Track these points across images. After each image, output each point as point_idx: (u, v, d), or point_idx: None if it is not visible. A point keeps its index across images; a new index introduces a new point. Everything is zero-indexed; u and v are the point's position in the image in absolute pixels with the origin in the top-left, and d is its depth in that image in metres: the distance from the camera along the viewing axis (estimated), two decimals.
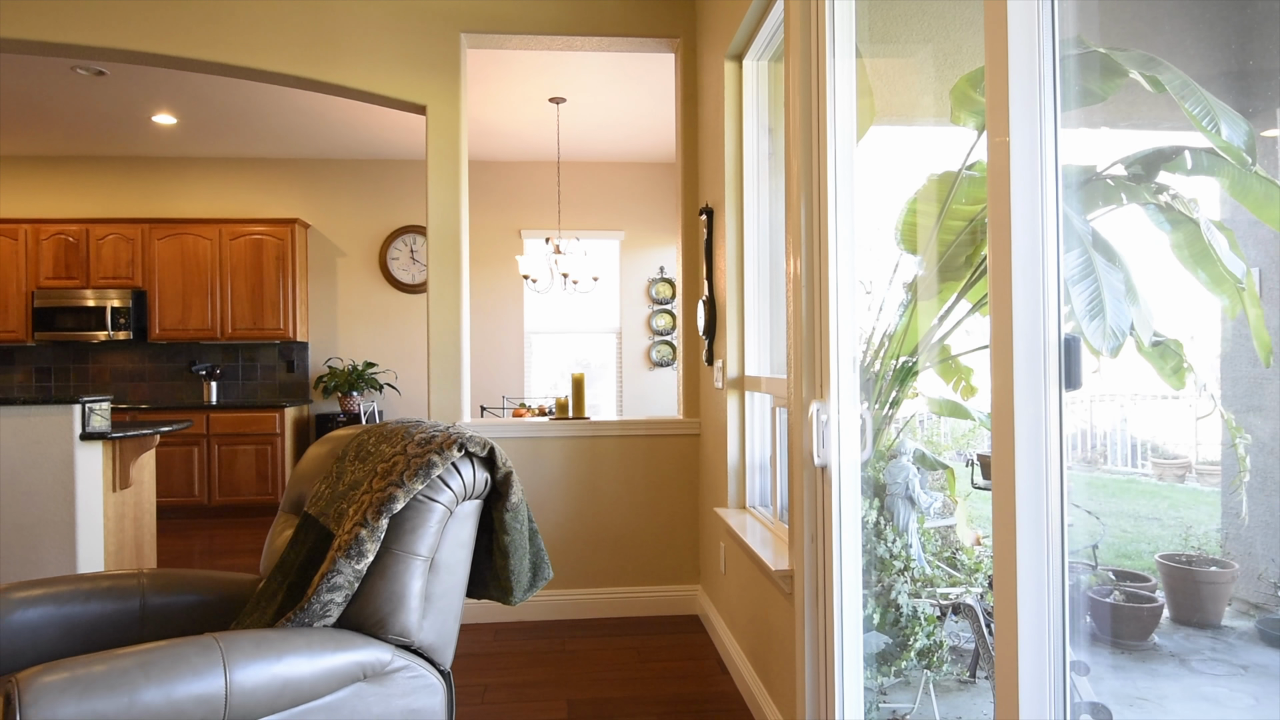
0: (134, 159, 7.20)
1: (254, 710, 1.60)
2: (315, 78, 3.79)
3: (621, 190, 7.66)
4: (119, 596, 2.05)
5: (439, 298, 3.84)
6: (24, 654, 1.93)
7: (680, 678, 3.16)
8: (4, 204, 7.10)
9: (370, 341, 7.41)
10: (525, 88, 5.58)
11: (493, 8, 3.86)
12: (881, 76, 2.77)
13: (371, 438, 2.13)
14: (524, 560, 2.10)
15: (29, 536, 3.64)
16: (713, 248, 3.62)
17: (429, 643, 1.90)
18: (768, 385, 3.00)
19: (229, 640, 1.60)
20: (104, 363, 7.10)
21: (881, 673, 2.38)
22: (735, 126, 3.30)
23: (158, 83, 5.44)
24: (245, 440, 6.56)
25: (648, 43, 3.97)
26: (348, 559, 1.78)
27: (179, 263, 6.83)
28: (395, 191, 7.45)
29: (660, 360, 7.75)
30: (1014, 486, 1.19)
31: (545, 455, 3.91)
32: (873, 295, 2.77)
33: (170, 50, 3.71)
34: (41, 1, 3.63)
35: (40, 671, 1.45)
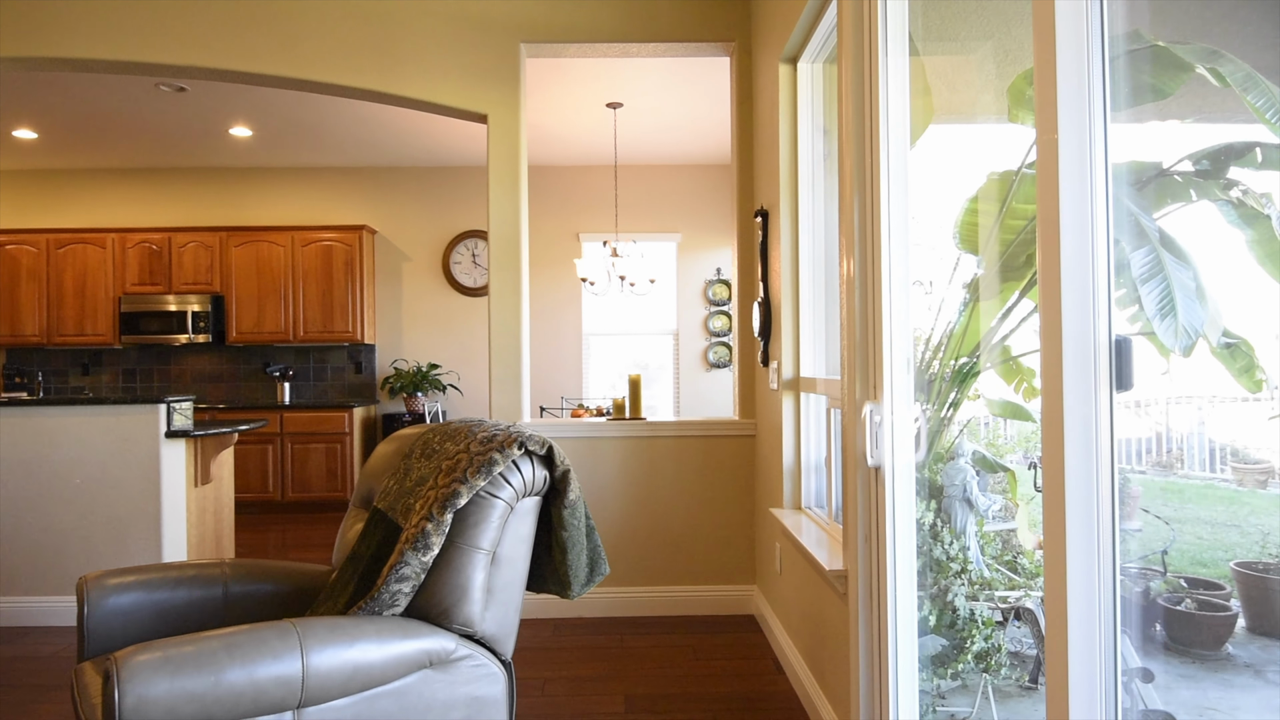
0: (212, 170, 7.55)
1: (328, 692, 1.69)
2: (382, 90, 3.94)
3: (678, 193, 7.71)
4: (204, 584, 2.19)
5: (500, 301, 3.94)
6: (118, 635, 2.07)
7: (736, 676, 3.19)
8: (94, 214, 7.51)
9: (434, 343, 7.61)
10: (583, 94, 5.67)
11: (552, 17, 3.94)
12: (941, 75, 2.75)
13: (436, 436, 2.22)
14: (581, 556, 2.16)
15: (119, 528, 3.87)
16: (768, 249, 3.64)
17: (491, 633, 1.97)
18: (823, 386, 3.00)
19: (305, 626, 1.70)
20: (185, 364, 7.45)
21: (938, 675, 2.37)
22: (790, 129, 3.32)
23: (235, 97, 5.70)
24: (316, 439, 6.82)
25: (703, 47, 4.01)
26: (415, 551, 1.87)
27: (254, 268, 7.14)
28: (457, 197, 7.64)
29: (717, 361, 7.77)
30: (1064, 488, 1.20)
31: (602, 455, 3.98)
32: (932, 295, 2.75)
33: (247, 67, 3.89)
34: (130, 25, 3.85)
35: (135, 651, 1.57)
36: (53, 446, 3.88)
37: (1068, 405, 1.19)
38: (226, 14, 3.87)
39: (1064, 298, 1.20)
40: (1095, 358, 1.18)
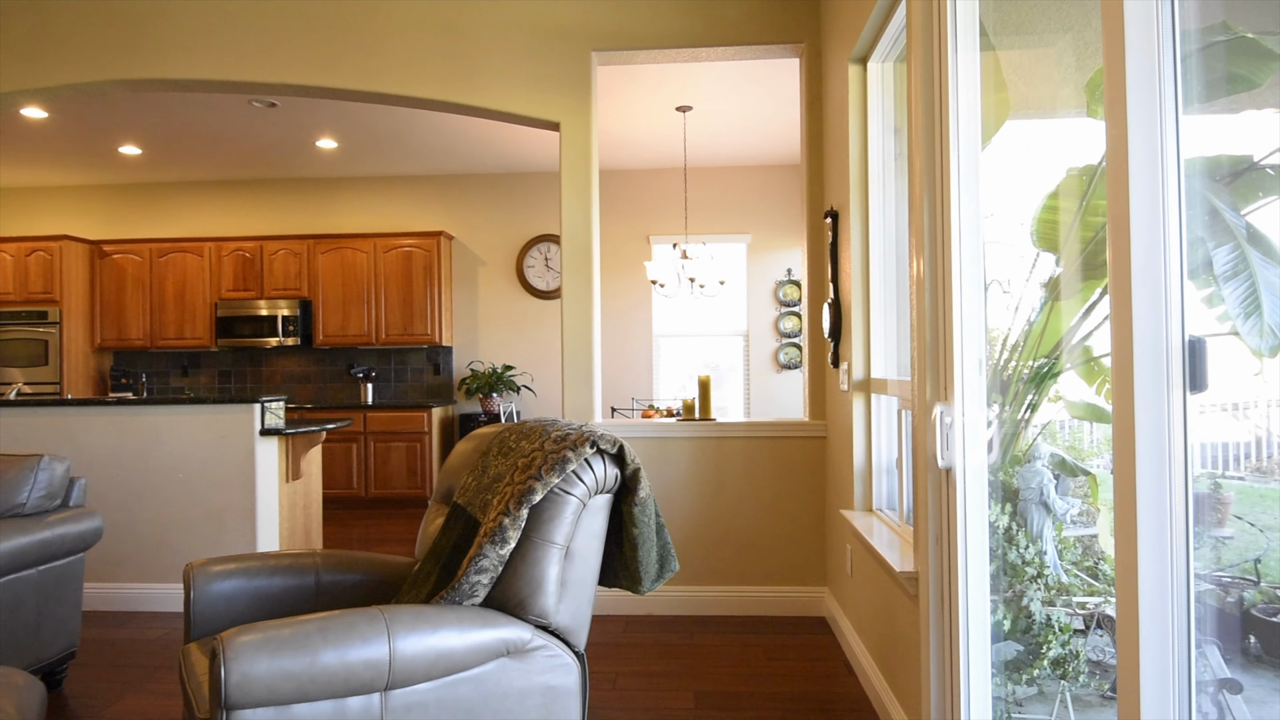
0: (300, 181, 7.91)
1: (413, 676, 1.79)
2: (458, 101, 4.08)
3: (748, 193, 7.70)
4: (297, 573, 2.32)
5: (572, 304, 4.03)
6: (221, 618, 2.22)
7: (806, 677, 3.19)
8: (192, 224, 7.96)
9: (508, 345, 7.80)
10: (652, 98, 5.74)
11: (623, 25, 4.02)
12: (1017, 69, 2.71)
13: (512, 435, 2.31)
14: (651, 552, 2.22)
15: (217, 519, 4.11)
16: (838, 250, 3.63)
17: (565, 625, 2.04)
18: (894, 387, 2.98)
19: (392, 613, 1.80)
20: (275, 366, 7.82)
21: (1012, 680, 2.34)
22: (860, 129, 3.30)
23: (321, 112, 5.97)
24: (397, 438, 7.07)
25: (773, 49, 4.02)
26: (493, 544, 1.96)
27: (339, 274, 7.44)
28: (530, 202, 7.81)
29: (788, 363, 7.73)
30: (1135, 492, 1.19)
31: (672, 455, 4.02)
32: (1009, 294, 2.71)
33: (334, 83, 4.09)
34: (228, 47, 4.09)
35: (239, 632, 1.69)
36: (158, 443, 4.14)
37: (1139, 407, 1.18)
38: (315, 34, 4.08)
39: (1134, 297, 1.19)
40: (1168, 358, 1.17)
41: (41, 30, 4.17)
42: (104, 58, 4.14)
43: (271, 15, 4.09)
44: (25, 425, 4.20)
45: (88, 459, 4.15)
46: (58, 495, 3.10)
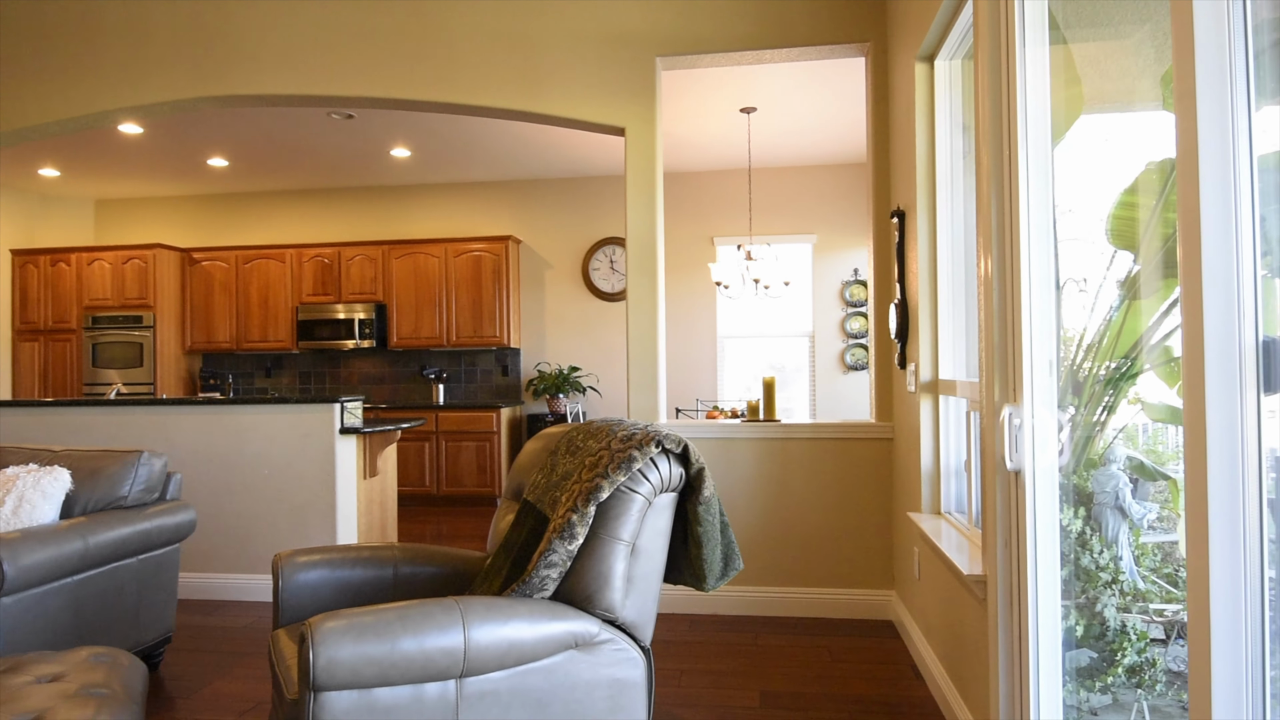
0: (375, 188, 8.19)
1: (486, 664, 1.86)
2: (526, 109, 4.18)
3: (813, 193, 7.65)
4: (377, 565, 2.43)
5: (637, 306, 4.09)
6: (306, 606, 2.34)
7: (872, 679, 3.18)
8: (274, 232, 8.32)
9: (574, 347, 7.92)
10: (716, 100, 5.76)
11: (687, 30, 4.06)
12: (1092, 62, 2.65)
13: (580, 434, 2.38)
14: (716, 550, 2.25)
15: (300, 514, 4.30)
16: (904, 250, 3.60)
17: (631, 619, 2.09)
18: (962, 389, 2.95)
19: (466, 603, 1.88)
20: (352, 367, 8.11)
21: (1085, 688, 2.29)
22: (927, 128, 3.27)
23: (395, 122, 6.18)
24: (467, 437, 7.25)
25: (838, 49, 4.00)
26: (561, 540, 2.02)
27: (412, 278, 7.68)
28: (596, 206, 7.91)
29: (855, 364, 7.64)
30: (1206, 496, 1.18)
31: (737, 455, 4.04)
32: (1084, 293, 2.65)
33: (407, 95, 4.24)
34: (309, 63, 4.29)
35: (325, 619, 1.79)
36: (245, 441, 4.36)
37: (1210, 408, 1.16)
38: (391, 49, 4.24)
39: (1205, 296, 1.17)
40: (1240, 359, 1.16)
41: (139, 52, 4.43)
42: (196, 76, 4.38)
43: (350, 32, 4.26)
44: (124, 423, 4.47)
45: (181, 455, 4.39)
46: (156, 489, 3.30)
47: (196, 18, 4.38)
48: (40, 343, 7.92)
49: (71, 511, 3.08)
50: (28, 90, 4.54)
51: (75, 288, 7.85)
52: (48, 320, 7.90)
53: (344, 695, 1.75)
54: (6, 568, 2.58)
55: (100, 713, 1.90)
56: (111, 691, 2.04)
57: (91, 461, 3.21)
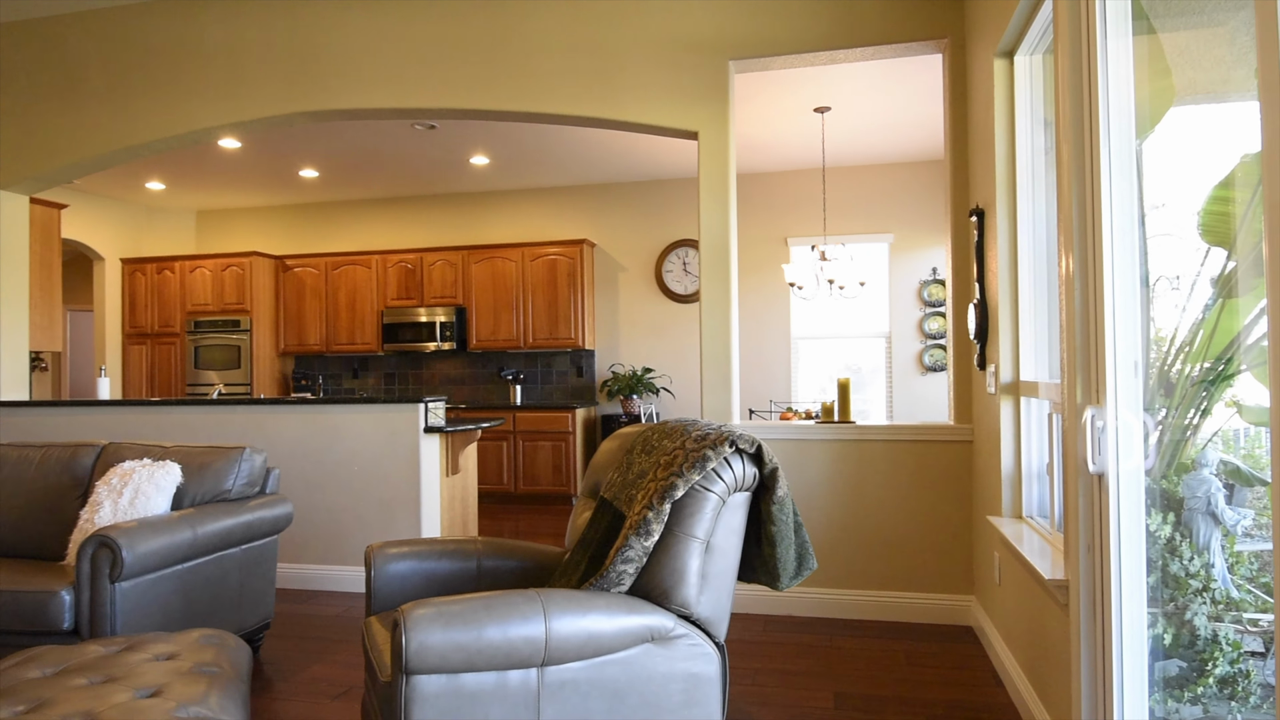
0: (456, 195, 8.45)
1: (565, 655, 1.94)
2: (601, 116, 4.27)
3: (889, 192, 7.53)
4: (461, 557, 2.54)
5: (710, 308, 4.13)
6: (396, 595, 2.47)
7: (950, 684, 3.13)
8: (361, 239, 8.67)
9: (648, 348, 8.00)
10: (789, 101, 5.75)
11: (759, 33, 4.08)
12: (1183, 52, 2.57)
13: (655, 434, 2.43)
14: (790, 550, 2.28)
15: (387, 508, 4.49)
16: (984, 249, 3.53)
17: (705, 616, 2.14)
18: (1044, 390, 2.89)
19: (547, 595, 1.96)
20: (433, 369, 8.38)
21: (1174, 698, 2.22)
22: (1007, 125, 3.21)
23: (475, 131, 6.37)
24: (544, 437, 7.41)
25: (914, 46, 3.96)
26: (637, 536, 2.08)
27: (490, 282, 7.89)
28: (668, 209, 7.97)
29: (933, 365, 7.49)
30: None
31: (811, 457, 4.04)
32: (1176, 291, 2.57)
33: (487, 105, 4.38)
34: (396, 77, 4.48)
35: (415, 606, 1.89)
36: (336, 439, 4.58)
37: None
38: (472, 61, 4.39)
39: None
40: None
41: (238, 72, 4.71)
42: (290, 93, 4.63)
43: (434, 47, 4.43)
44: (225, 421, 4.75)
45: (277, 452, 4.64)
46: (257, 483, 3.51)
47: (291, 38, 4.62)
48: (148, 345, 8.45)
49: (181, 503, 3.31)
50: (139, 110, 4.87)
51: (179, 294, 8.34)
52: (154, 324, 8.42)
53: (434, 679, 1.84)
54: (125, 554, 2.79)
55: (211, 690, 2.05)
56: (221, 670, 2.20)
57: (199, 457, 3.43)
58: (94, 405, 4.98)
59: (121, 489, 3.15)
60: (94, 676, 2.11)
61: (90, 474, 3.52)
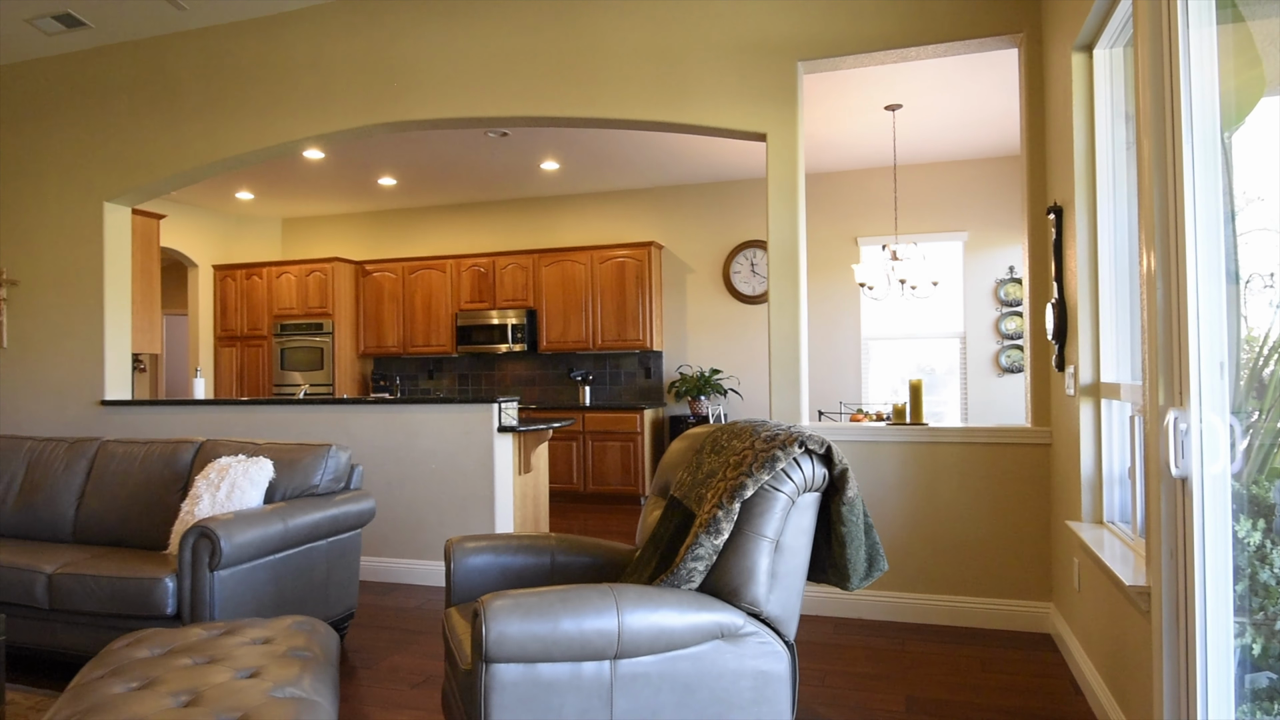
0: (526, 200, 8.62)
1: (638, 648, 1.99)
2: (669, 120, 4.32)
3: (963, 189, 7.37)
4: (536, 552, 2.63)
5: (779, 309, 4.13)
6: (474, 587, 2.56)
7: (1026, 692, 3.07)
8: (436, 244, 8.92)
9: (715, 349, 8.01)
10: (859, 99, 5.69)
11: (828, 33, 4.06)
12: (1275, 41, 2.48)
13: (724, 434, 2.47)
14: (860, 551, 2.28)
15: (462, 505, 4.63)
16: (1062, 247, 3.45)
17: (775, 614, 2.16)
18: (1126, 392, 2.81)
19: (620, 590, 2.02)
20: (505, 370, 8.57)
21: (1264, 710, 2.15)
22: (1085, 120, 3.14)
23: (546, 138, 6.50)
24: (612, 437, 7.50)
25: (988, 42, 3.89)
26: (707, 535, 2.12)
27: (560, 285, 8.03)
28: (736, 210, 7.97)
29: (1010, 366, 7.30)
30: None
31: (881, 459, 4.00)
32: (1270, 289, 2.48)
33: (558, 113, 4.48)
34: (471, 88, 4.62)
35: (494, 597, 1.97)
36: (413, 437, 4.75)
37: None
38: (542, 71, 4.49)
39: None
40: None
41: (323, 87, 4.92)
42: (371, 105, 4.82)
43: (506, 57, 4.56)
44: (311, 420, 4.97)
45: (358, 450, 4.83)
46: (342, 479, 3.67)
47: (373, 53, 4.81)
48: (237, 348, 8.87)
49: (273, 497, 3.49)
50: (231, 124, 5.14)
51: (266, 298, 8.74)
52: (243, 328, 8.83)
53: (512, 668, 1.92)
54: (224, 545, 2.96)
55: (305, 672, 2.17)
56: (313, 654, 2.33)
57: (289, 453, 3.61)
58: (190, 404, 5.28)
59: (219, 483, 3.34)
60: (197, 657, 2.26)
61: (189, 469, 3.75)
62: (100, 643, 3.10)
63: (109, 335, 5.50)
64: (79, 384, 5.54)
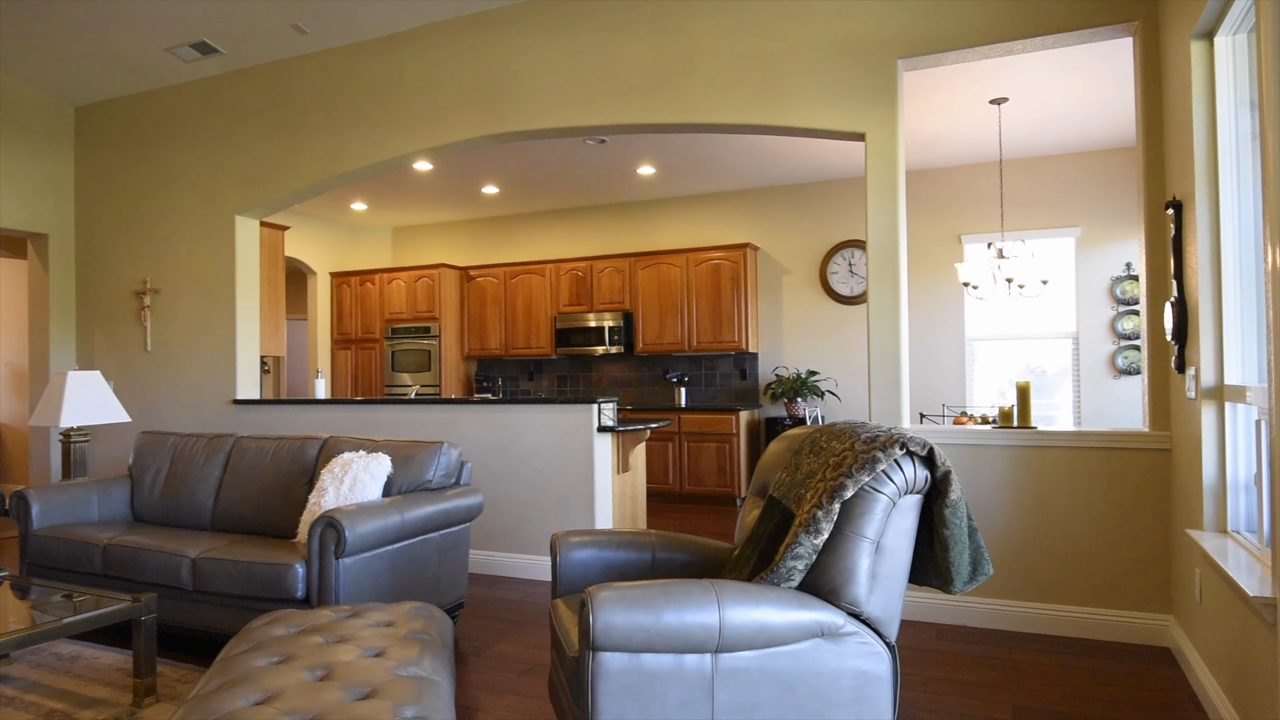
0: (623, 204, 8.77)
1: (738, 643, 2.04)
2: (765, 123, 4.34)
3: (1075, 183, 7.07)
4: (637, 548, 2.71)
5: (878, 310, 4.09)
6: (578, 580, 2.67)
7: (1143, 707, 2.96)
8: (536, 249, 9.19)
9: (812, 351, 7.94)
10: (962, 94, 5.56)
11: (930, 29, 4.00)
12: None
13: (823, 435, 2.49)
14: (963, 554, 2.27)
15: (563, 502, 4.78)
16: (1182, 243, 3.30)
17: (875, 615, 2.17)
18: (1252, 395, 2.67)
19: (720, 586, 2.08)
20: (602, 371, 8.74)
21: None
22: (1206, 111, 2.99)
23: (642, 143, 6.62)
24: (708, 438, 7.55)
25: (1099, 31, 3.75)
26: (807, 534, 2.15)
27: (655, 288, 8.14)
28: (832, 210, 7.89)
29: (1127, 367, 6.95)
30: None
31: (987, 463, 3.91)
32: None
33: (655, 119, 4.57)
34: (571, 99, 4.77)
35: (600, 588, 2.06)
36: (516, 436, 4.93)
37: None
38: (640, 79, 4.60)
39: None
40: None
41: (433, 104, 5.18)
42: (477, 119, 5.04)
43: (605, 68, 4.68)
44: (421, 419, 5.23)
45: (465, 447, 5.05)
46: (453, 475, 3.87)
47: (477, 69, 5.03)
48: (351, 350, 9.37)
49: (389, 491, 3.71)
50: (349, 141, 5.46)
51: (378, 303, 9.19)
52: (357, 331, 9.32)
53: (617, 656, 2.01)
54: (348, 534, 3.18)
55: (424, 653, 2.33)
56: (431, 638, 2.48)
57: (404, 450, 3.83)
58: (312, 404, 5.63)
59: (342, 477, 3.58)
60: (328, 636, 2.44)
61: (315, 463, 4.02)
62: (236, 622, 3.38)
63: (240, 339, 5.93)
64: (213, 384, 6.00)
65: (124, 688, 3.16)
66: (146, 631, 2.96)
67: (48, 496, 4.03)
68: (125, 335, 6.44)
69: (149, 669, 2.98)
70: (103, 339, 6.55)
